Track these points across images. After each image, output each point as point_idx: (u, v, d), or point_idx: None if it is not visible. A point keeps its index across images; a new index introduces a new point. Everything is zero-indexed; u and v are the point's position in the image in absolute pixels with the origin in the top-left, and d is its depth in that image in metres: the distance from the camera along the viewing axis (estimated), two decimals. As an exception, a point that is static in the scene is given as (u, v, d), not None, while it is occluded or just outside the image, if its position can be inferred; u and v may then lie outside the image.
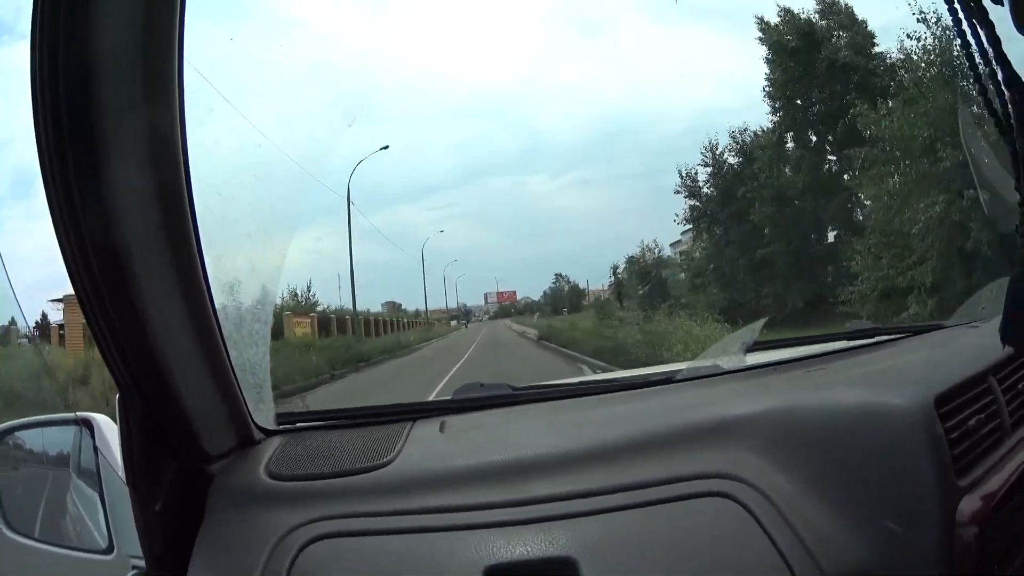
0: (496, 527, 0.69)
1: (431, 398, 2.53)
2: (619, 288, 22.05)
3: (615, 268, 22.84)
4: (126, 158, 0.61)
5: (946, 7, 0.60)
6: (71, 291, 0.64)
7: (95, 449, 0.84)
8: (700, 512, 0.69)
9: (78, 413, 0.89)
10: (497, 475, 0.75)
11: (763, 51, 12.91)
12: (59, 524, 0.96)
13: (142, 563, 0.78)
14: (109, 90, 0.59)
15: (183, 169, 0.66)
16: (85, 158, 0.59)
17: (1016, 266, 0.61)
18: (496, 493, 0.73)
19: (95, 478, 0.85)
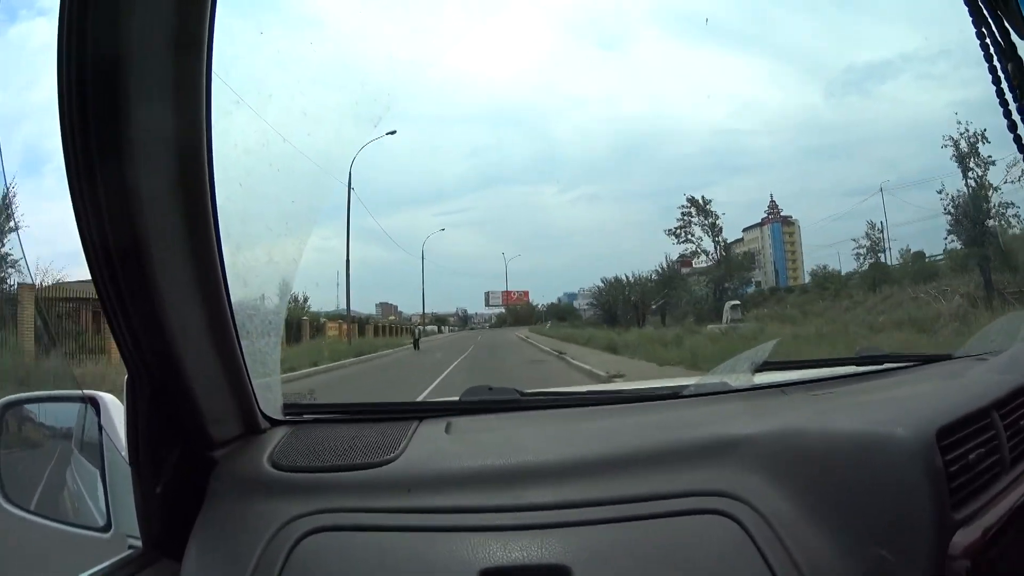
0: (494, 531, 0.70)
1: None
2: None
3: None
4: (150, 144, 0.62)
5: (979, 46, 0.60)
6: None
7: (100, 428, 0.84)
8: (697, 529, 0.69)
9: (85, 391, 0.89)
10: (499, 479, 0.75)
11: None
12: (58, 500, 0.96)
13: (138, 543, 0.78)
14: (137, 75, 0.59)
15: (206, 159, 0.67)
16: (109, 141, 0.60)
17: None
18: (496, 497, 0.73)
19: (98, 456, 0.85)
